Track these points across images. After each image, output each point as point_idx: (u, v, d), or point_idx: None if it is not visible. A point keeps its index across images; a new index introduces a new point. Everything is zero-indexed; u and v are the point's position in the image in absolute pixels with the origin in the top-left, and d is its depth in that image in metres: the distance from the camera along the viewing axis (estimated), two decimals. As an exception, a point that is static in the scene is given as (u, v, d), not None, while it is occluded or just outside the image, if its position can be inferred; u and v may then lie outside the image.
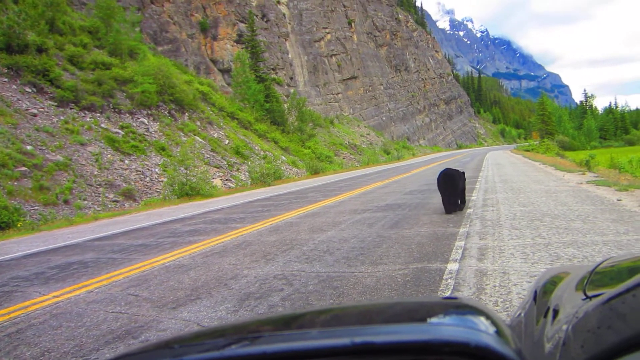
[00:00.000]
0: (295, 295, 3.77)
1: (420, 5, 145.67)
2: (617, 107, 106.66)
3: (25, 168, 14.27)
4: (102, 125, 19.72)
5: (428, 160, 40.80)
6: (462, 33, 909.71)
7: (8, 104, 16.79)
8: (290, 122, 39.77)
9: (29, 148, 15.30)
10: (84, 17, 29.08)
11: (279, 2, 57.48)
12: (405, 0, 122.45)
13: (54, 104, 18.79)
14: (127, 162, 18.47)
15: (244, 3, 47.68)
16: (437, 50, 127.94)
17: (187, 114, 26.92)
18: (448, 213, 7.59)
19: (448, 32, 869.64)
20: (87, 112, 19.94)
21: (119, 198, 16.04)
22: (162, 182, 18.37)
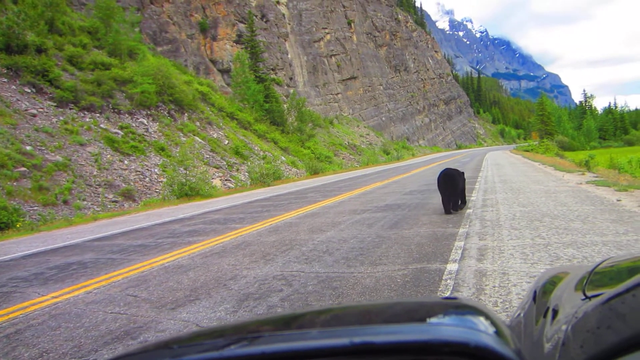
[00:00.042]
0: (295, 296, 3.76)
1: (420, 6, 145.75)
2: (616, 107, 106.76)
3: (25, 168, 14.26)
4: (101, 126, 19.71)
5: (427, 161, 40.80)
6: (461, 33, 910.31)
7: (7, 105, 16.78)
8: (290, 122, 39.78)
9: (29, 148, 15.29)
10: (84, 17, 29.08)
11: (279, 2, 57.50)
12: (405, 1, 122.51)
13: (54, 105, 18.79)
14: (126, 162, 18.47)
15: (244, 3, 47.69)
16: (436, 51, 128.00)
17: (186, 114, 26.91)
18: (447, 213, 7.59)
19: (447, 32, 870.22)
20: (86, 112, 19.93)
21: (119, 198, 16.03)
22: (161, 182, 18.37)
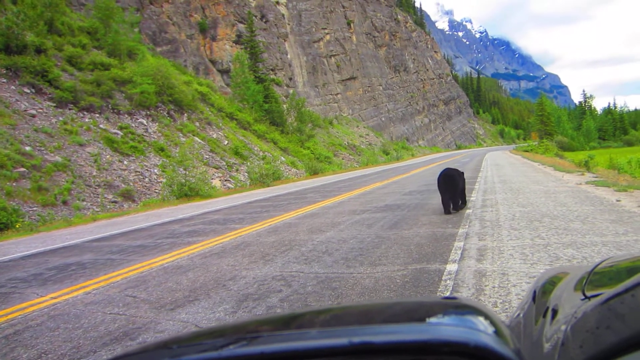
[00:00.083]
0: (294, 297, 3.76)
1: (419, 6, 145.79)
2: (616, 107, 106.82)
3: (24, 169, 14.25)
4: (100, 126, 19.70)
5: (427, 161, 40.81)
6: (461, 34, 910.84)
7: (7, 105, 16.76)
8: (290, 122, 39.77)
9: (28, 149, 15.28)
10: (83, 17, 29.07)
11: (278, 2, 57.51)
12: (404, 1, 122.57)
13: (53, 105, 18.77)
14: (125, 162, 18.45)
15: (243, 4, 47.69)
16: (436, 51, 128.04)
17: (186, 115, 26.90)
18: (447, 214, 7.59)
19: (447, 32, 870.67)
20: (85, 112, 19.92)
21: (118, 199, 16.02)
22: (161, 182, 18.36)
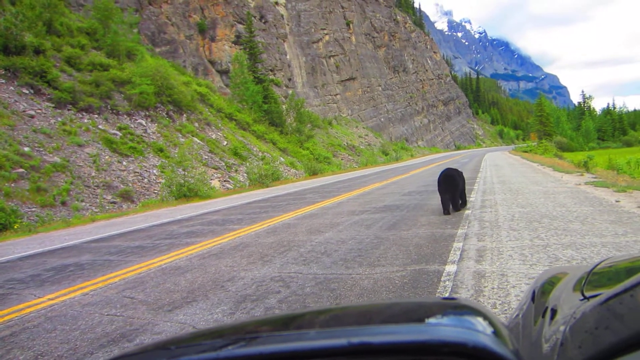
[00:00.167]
0: (292, 298, 3.74)
1: (419, 7, 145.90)
2: (615, 108, 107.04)
3: (23, 170, 14.22)
4: (99, 127, 19.68)
5: (426, 162, 40.82)
6: (460, 34, 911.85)
7: (5, 106, 16.74)
8: (289, 123, 39.78)
9: (27, 149, 15.25)
10: (82, 18, 29.05)
11: (277, 3, 57.52)
12: (404, 1, 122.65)
13: (52, 106, 18.74)
14: (124, 163, 18.43)
15: (242, 4, 47.69)
16: (435, 52, 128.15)
17: (185, 115, 26.89)
18: (446, 214, 7.58)
19: (446, 33, 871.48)
20: (84, 113, 19.90)
21: (117, 199, 16.00)
22: (160, 183, 18.33)
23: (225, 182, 22.66)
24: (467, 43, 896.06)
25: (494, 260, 4.38)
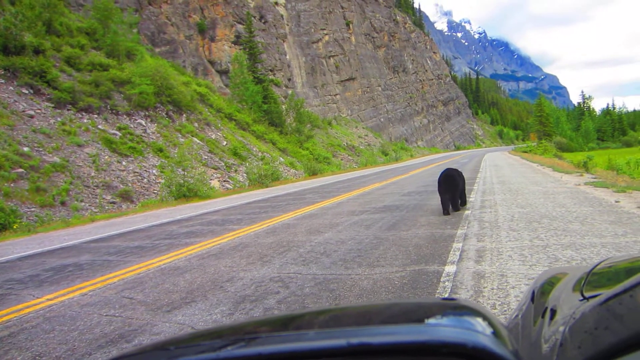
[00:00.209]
0: (291, 298, 3.73)
1: (418, 7, 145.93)
2: (614, 108, 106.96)
3: (22, 170, 14.21)
4: (99, 127, 19.66)
5: (426, 162, 40.83)
6: (460, 34, 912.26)
7: (5, 106, 16.72)
8: (288, 123, 39.77)
9: (26, 149, 15.23)
10: (81, 18, 29.03)
11: (277, 3, 57.52)
12: (403, 2, 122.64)
13: (51, 106, 18.73)
14: (124, 163, 18.42)
15: (242, 4, 47.69)
16: (435, 52, 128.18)
17: (184, 115, 26.87)
18: (446, 214, 7.57)
19: (446, 33, 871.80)
20: (84, 113, 19.88)
21: (116, 199, 15.99)
22: (159, 183, 18.32)
23: (225, 182, 22.65)
24: (466, 43, 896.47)
25: (494, 261, 4.38)
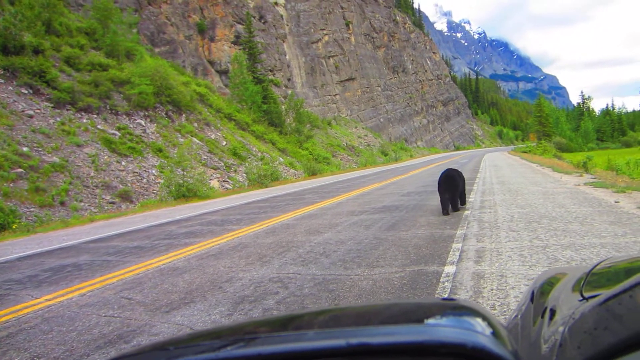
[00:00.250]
0: (291, 299, 3.73)
1: (418, 7, 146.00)
2: (614, 108, 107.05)
3: (21, 170, 14.19)
4: (98, 127, 19.65)
5: (426, 162, 40.84)
6: (459, 35, 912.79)
7: (4, 106, 16.70)
8: (288, 123, 39.77)
9: (25, 149, 15.22)
10: (81, 18, 29.02)
11: (277, 3, 57.52)
12: (403, 2, 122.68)
13: (51, 106, 18.71)
14: (123, 163, 18.40)
15: (242, 4, 47.69)
16: (434, 52, 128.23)
17: (184, 116, 26.86)
18: (445, 215, 7.57)
19: (445, 33, 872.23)
20: (83, 113, 19.87)
21: (116, 199, 15.97)
22: (159, 183, 18.31)
23: (224, 182, 22.64)
24: (466, 44, 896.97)
25: (493, 261, 4.37)
